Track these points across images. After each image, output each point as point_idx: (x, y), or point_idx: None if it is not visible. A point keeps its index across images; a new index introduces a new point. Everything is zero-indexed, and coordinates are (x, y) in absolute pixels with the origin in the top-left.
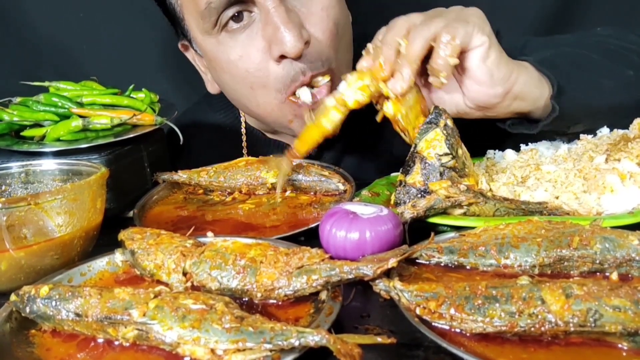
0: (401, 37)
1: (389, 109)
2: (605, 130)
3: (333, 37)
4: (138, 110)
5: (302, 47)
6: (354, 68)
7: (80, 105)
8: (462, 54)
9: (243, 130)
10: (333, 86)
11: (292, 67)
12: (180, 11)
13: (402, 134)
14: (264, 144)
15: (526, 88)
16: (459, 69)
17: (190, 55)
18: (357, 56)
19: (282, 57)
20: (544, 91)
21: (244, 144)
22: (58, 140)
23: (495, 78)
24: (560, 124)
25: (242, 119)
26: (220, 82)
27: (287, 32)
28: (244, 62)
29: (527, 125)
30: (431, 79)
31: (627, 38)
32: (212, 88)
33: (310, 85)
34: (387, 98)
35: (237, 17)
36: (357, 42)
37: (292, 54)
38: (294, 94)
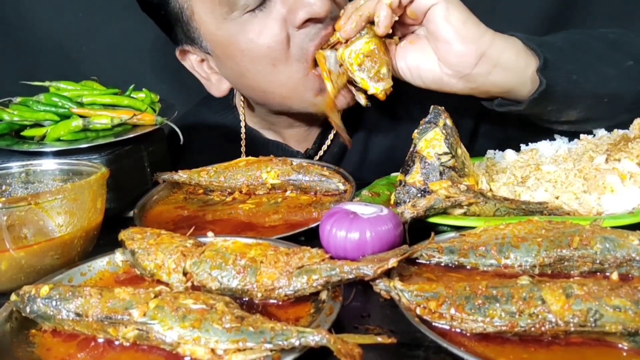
0: None
1: (339, 53)
2: (603, 131)
3: None
4: (138, 110)
5: (330, 4)
6: None
7: (81, 105)
8: (425, 16)
9: (242, 130)
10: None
11: (313, 27)
12: (188, 8)
13: (351, 88)
14: (263, 145)
15: (506, 55)
16: (428, 33)
17: (188, 63)
18: None
19: (307, 21)
20: (529, 62)
21: (243, 144)
22: (58, 140)
23: (462, 35)
24: (550, 106)
25: (242, 120)
26: (238, 71)
27: None
28: (264, 38)
29: (515, 103)
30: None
31: (628, 34)
32: (217, 91)
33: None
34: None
35: None
36: None
37: (323, 13)
38: (314, 65)
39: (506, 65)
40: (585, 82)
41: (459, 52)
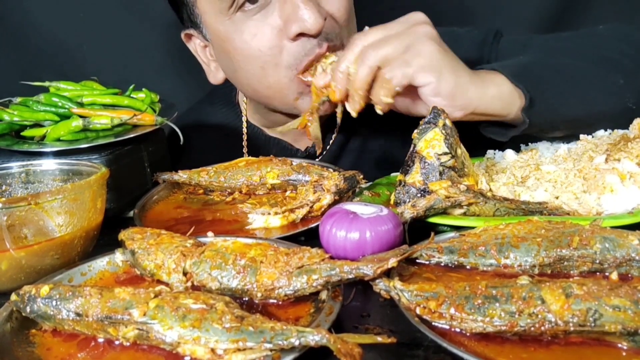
0: (352, 64)
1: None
2: (603, 131)
3: (347, 16)
4: (138, 110)
5: (323, 23)
6: None
7: (81, 105)
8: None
9: (244, 128)
10: None
11: (309, 42)
12: None
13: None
14: (265, 142)
15: (492, 106)
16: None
17: (192, 46)
18: None
19: (299, 35)
20: (514, 103)
21: (245, 142)
22: (58, 140)
23: (452, 106)
24: (534, 131)
25: (244, 117)
26: (231, 66)
27: (307, 9)
28: (257, 41)
29: (498, 132)
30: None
31: (630, 37)
32: (214, 78)
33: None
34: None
35: None
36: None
37: (314, 30)
38: (303, 71)
39: (490, 113)
40: (569, 110)
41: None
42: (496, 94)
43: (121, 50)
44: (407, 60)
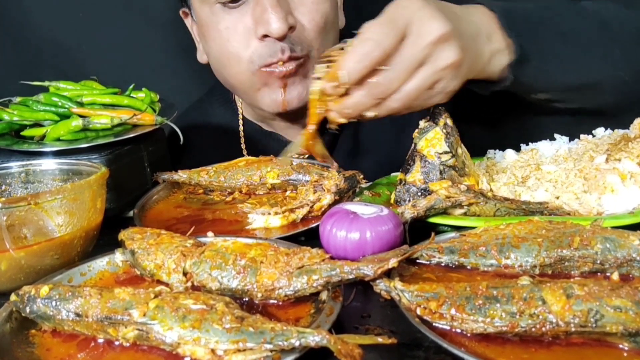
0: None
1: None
2: (603, 131)
3: (319, 28)
4: (138, 110)
5: (285, 30)
6: None
7: (80, 105)
8: None
9: (240, 123)
10: (305, 72)
11: (274, 45)
12: None
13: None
14: (262, 137)
15: (482, 73)
16: None
17: (188, 22)
18: None
19: (265, 36)
20: (502, 59)
21: (242, 138)
22: (58, 140)
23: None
24: (518, 90)
25: (240, 113)
26: (208, 50)
27: (273, 14)
28: (228, 33)
29: (478, 85)
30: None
31: (631, 15)
32: (201, 57)
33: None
34: None
35: None
36: None
37: (275, 34)
38: (267, 66)
39: (477, 77)
40: (563, 75)
41: None
42: (490, 59)
43: (121, 50)
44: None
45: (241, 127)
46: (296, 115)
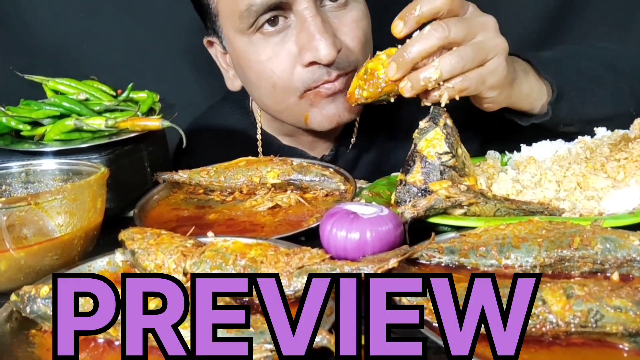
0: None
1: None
2: (603, 131)
3: (362, 45)
4: (143, 114)
5: (335, 55)
6: None
7: (80, 104)
8: None
9: (259, 136)
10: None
11: (319, 69)
12: (215, 8)
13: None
14: (279, 150)
15: (523, 103)
16: None
17: (213, 51)
18: None
19: (312, 63)
20: (541, 98)
21: (260, 148)
22: (57, 140)
23: (494, 105)
24: (551, 123)
25: (259, 125)
26: (245, 79)
27: (322, 40)
28: (271, 63)
29: (520, 117)
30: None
31: (625, 51)
32: (231, 85)
33: None
34: None
35: (272, 21)
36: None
37: (325, 61)
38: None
39: (520, 108)
40: (586, 110)
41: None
42: (529, 92)
43: (121, 50)
44: (483, 76)
45: (259, 141)
46: (324, 131)
